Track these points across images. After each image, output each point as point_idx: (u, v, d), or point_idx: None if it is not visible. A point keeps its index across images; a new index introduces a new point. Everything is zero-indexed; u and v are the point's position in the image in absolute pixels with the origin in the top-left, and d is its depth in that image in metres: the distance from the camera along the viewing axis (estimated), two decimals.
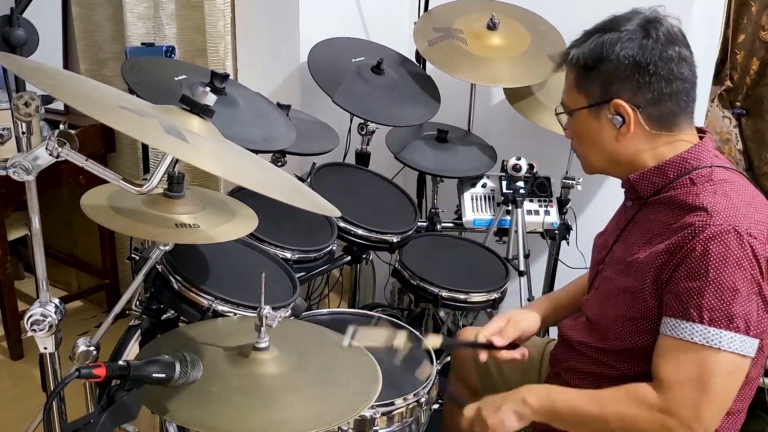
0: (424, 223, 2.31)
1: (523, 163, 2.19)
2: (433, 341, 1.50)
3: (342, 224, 1.85)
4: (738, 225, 1.12)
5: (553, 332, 1.71)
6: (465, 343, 1.59)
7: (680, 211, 1.21)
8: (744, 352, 1.12)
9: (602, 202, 2.47)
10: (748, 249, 1.11)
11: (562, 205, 2.31)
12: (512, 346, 1.48)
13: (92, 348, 1.27)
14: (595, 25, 1.29)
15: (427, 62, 2.39)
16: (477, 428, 1.32)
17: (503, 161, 2.25)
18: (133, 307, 1.54)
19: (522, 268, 2.16)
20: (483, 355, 1.46)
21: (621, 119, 1.24)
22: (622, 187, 1.36)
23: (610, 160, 1.30)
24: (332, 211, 1.23)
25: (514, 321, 1.50)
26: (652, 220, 1.26)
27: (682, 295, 1.14)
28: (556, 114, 1.37)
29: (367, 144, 2.28)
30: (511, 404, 1.28)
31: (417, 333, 1.52)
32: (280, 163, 2.08)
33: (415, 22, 2.36)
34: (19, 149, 1.09)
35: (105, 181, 1.11)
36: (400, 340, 1.41)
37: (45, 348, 1.18)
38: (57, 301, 1.17)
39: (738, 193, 1.19)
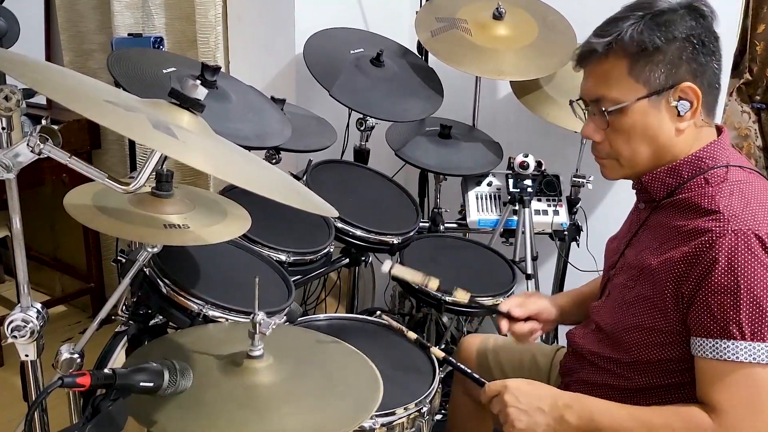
0: (427, 224, 2.31)
1: (531, 161, 2.19)
2: (462, 295, 1.53)
3: (340, 225, 1.85)
4: (758, 230, 1.11)
5: (562, 339, 1.71)
6: (487, 307, 1.67)
7: (694, 214, 1.20)
8: None
9: (614, 201, 2.46)
10: None
11: (571, 204, 2.30)
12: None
13: (76, 355, 1.27)
14: (627, 7, 1.24)
15: (430, 54, 2.39)
16: (496, 409, 1.28)
17: (510, 158, 2.25)
18: (120, 312, 1.54)
19: (530, 271, 2.16)
20: (504, 324, 1.48)
21: (688, 104, 1.19)
22: (633, 188, 1.35)
23: (660, 157, 1.25)
24: (329, 211, 1.23)
25: (536, 296, 1.54)
26: (666, 223, 1.25)
27: (716, 312, 1.12)
28: (581, 106, 1.29)
29: (366, 140, 2.28)
30: (546, 417, 1.23)
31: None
32: (274, 161, 2.08)
33: (416, 12, 2.36)
34: None
35: (90, 180, 1.11)
36: (434, 284, 1.48)
37: (26, 355, 1.18)
38: (39, 305, 1.17)
39: (755, 195, 1.18)
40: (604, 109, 1.23)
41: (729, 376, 1.12)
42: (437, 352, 1.43)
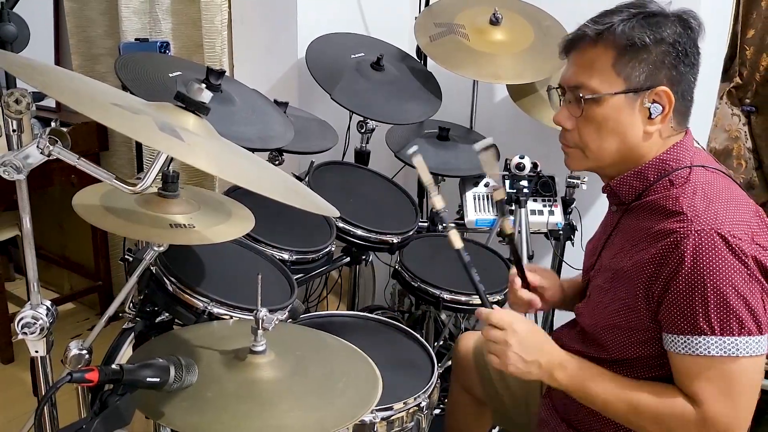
0: (425, 224, 2.31)
1: (527, 162, 2.19)
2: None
3: (341, 224, 1.85)
4: (720, 228, 1.12)
5: None
6: (511, 259, 1.51)
7: (660, 215, 1.20)
8: (760, 352, 1.13)
9: (608, 202, 2.47)
10: (737, 250, 1.11)
11: (566, 204, 2.31)
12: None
13: (84, 351, 1.27)
14: (622, 4, 1.23)
15: (428, 58, 2.39)
16: (490, 336, 1.26)
17: (506, 160, 2.25)
18: (127, 309, 1.54)
19: None
20: (517, 281, 1.46)
21: (660, 108, 1.20)
22: (603, 191, 1.35)
23: (625, 155, 1.25)
24: (331, 211, 1.23)
25: (552, 275, 1.51)
26: (635, 226, 1.26)
27: (685, 310, 1.13)
28: (559, 94, 1.29)
29: (367, 142, 2.28)
30: (540, 369, 1.24)
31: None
32: (277, 162, 2.08)
33: (415, 17, 2.36)
34: (10, 147, 1.10)
35: (98, 180, 1.11)
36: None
37: (36, 351, 1.17)
38: (48, 303, 1.17)
39: (717, 194, 1.19)
40: (581, 95, 1.22)
41: (703, 369, 1.14)
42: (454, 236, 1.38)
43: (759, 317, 1.12)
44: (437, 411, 1.61)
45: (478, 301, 1.86)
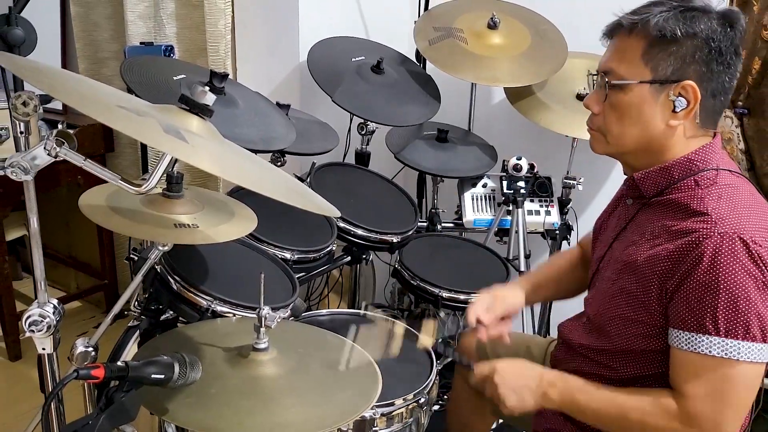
0: (425, 224, 2.31)
1: (524, 163, 2.19)
2: (426, 341, 1.51)
3: (342, 224, 1.85)
4: (743, 233, 1.11)
5: (554, 333, 1.71)
6: (456, 357, 1.53)
7: (683, 214, 1.19)
8: (761, 360, 1.12)
9: (604, 202, 2.44)
10: (756, 257, 1.10)
11: (563, 205, 2.31)
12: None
13: (91, 349, 1.27)
14: None
15: (428, 61, 2.39)
16: (488, 391, 1.33)
17: (504, 161, 2.25)
18: (132, 307, 1.54)
19: (523, 268, 2.16)
20: (483, 335, 1.47)
21: (685, 103, 1.18)
22: (624, 184, 1.35)
23: (645, 146, 1.23)
24: (332, 211, 1.23)
25: (501, 297, 1.52)
26: (654, 221, 1.25)
27: (694, 307, 1.13)
28: (594, 79, 1.29)
29: (367, 144, 2.28)
30: (533, 393, 1.29)
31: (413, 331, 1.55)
32: (279, 163, 2.08)
33: (415, 21, 2.36)
34: (18, 149, 1.09)
35: (104, 181, 1.11)
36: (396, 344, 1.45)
37: (43, 349, 1.18)
38: (55, 301, 1.17)
39: (742, 199, 1.18)
40: (607, 81, 1.22)
41: (700, 368, 1.13)
42: (425, 340, 1.44)
43: (766, 325, 1.11)
44: (436, 407, 1.61)
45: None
